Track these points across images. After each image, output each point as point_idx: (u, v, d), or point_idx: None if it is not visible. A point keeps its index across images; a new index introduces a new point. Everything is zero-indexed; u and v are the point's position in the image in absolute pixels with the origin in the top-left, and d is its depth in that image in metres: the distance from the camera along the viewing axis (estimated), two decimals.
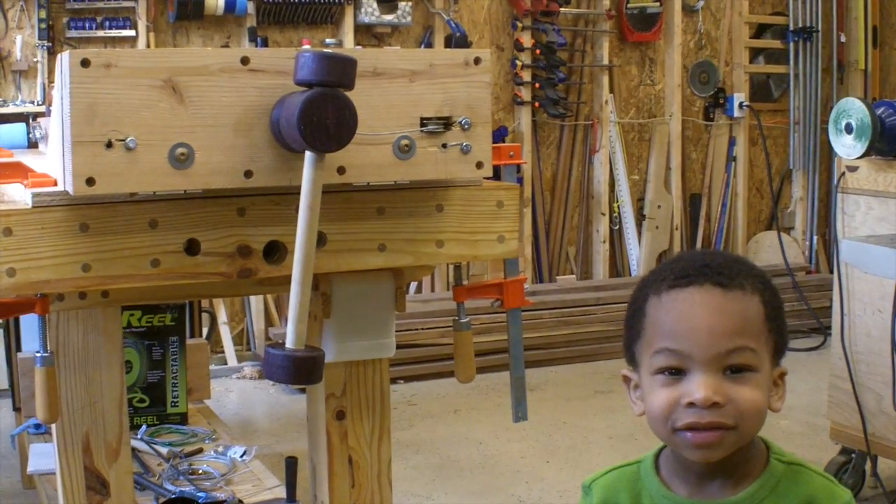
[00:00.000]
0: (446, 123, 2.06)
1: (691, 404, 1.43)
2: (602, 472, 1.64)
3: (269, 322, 6.60)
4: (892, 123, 4.20)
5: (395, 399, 5.57)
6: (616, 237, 7.51)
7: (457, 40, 6.66)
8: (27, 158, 2.45)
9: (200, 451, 3.71)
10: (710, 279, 1.46)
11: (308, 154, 1.85)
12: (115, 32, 6.15)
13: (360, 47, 6.45)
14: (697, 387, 1.42)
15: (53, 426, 2.20)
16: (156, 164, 1.84)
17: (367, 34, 6.66)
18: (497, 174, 2.44)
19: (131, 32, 6.17)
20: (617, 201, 7.45)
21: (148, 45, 6.15)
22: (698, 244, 7.68)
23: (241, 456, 3.63)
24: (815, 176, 7.92)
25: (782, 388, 1.53)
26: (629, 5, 7.30)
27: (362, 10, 6.49)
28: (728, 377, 1.44)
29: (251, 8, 6.30)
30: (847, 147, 4.24)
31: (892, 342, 3.82)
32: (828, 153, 7.62)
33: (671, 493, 1.54)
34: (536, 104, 7.08)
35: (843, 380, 4.04)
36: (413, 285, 6.66)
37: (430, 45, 6.74)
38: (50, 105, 3.44)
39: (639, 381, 1.54)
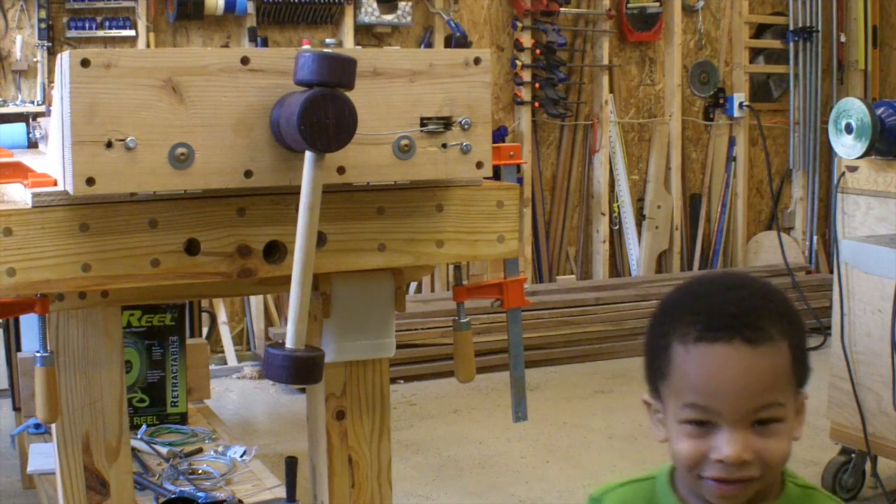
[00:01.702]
0: (446, 123, 2.06)
1: (720, 461, 1.42)
2: (613, 486, 1.63)
3: (268, 322, 6.60)
4: (892, 123, 4.20)
5: (394, 399, 5.58)
6: (616, 237, 7.51)
7: (457, 40, 6.66)
8: (27, 158, 2.45)
9: (200, 450, 3.71)
10: (739, 334, 1.43)
11: (308, 154, 1.85)
12: (115, 32, 6.15)
13: (359, 47, 6.45)
14: (726, 445, 1.42)
15: (53, 426, 2.20)
16: (156, 164, 1.84)
17: (367, 34, 6.66)
18: (497, 174, 2.44)
19: (131, 32, 6.17)
20: (617, 201, 7.45)
21: (148, 45, 6.16)
22: (698, 244, 7.68)
23: (241, 456, 3.63)
24: (815, 176, 7.92)
25: (802, 415, 1.51)
26: (629, 5, 7.30)
27: (362, 10, 6.49)
28: (755, 430, 1.43)
29: (251, 8, 6.30)
30: (847, 147, 4.24)
31: (892, 342, 3.82)
32: (828, 153, 7.62)
33: None
34: (536, 104, 7.08)
35: (843, 380, 4.04)
36: (413, 285, 6.66)
37: (430, 45, 6.74)
38: (50, 105, 3.44)
39: (661, 409, 1.53)
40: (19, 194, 2.04)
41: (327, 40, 6.53)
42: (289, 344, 1.87)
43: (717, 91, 7.70)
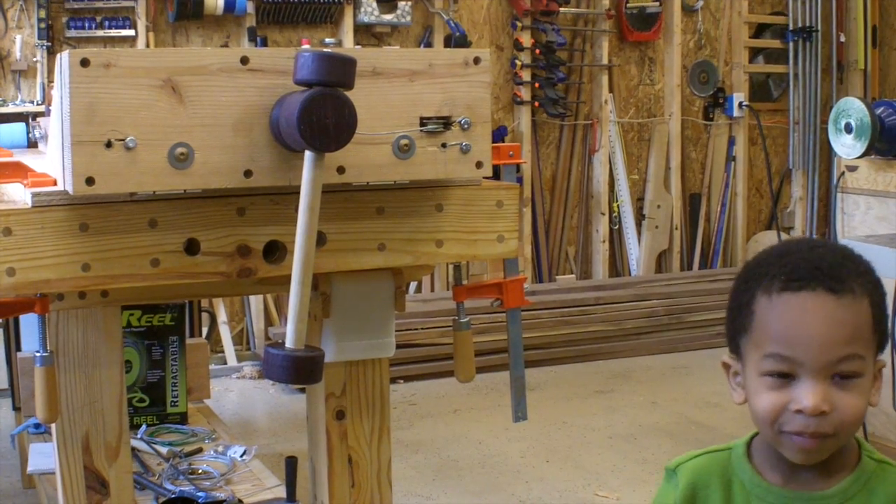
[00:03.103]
0: (446, 123, 2.06)
1: (799, 411, 1.44)
2: (690, 456, 1.64)
3: (268, 322, 6.60)
4: (892, 123, 4.21)
5: (394, 399, 5.58)
6: (616, 237, 7.51)
7: (456, 40, 6.66)
8: (27, 158, 2.45)
9: (200, 450, 3.71)
10: (822, 284, 1.45)
11: (308, 154, 1.85)
12: (114, 32, 6.15)
13: (359, 47, 6.45)
14: (807, 395, 1.43)
15: (53, 426, 2.20)
16: (155, 164, 1.84)
17: (367, 34, 6.66)
18: (497, 174, 2.44)
19: (131, 32, 6.17)
20: (616, 201, 7.45)
21: (147, 45, 6.16)
22: (698, 244, 7.69)
23: (241, 455, 3.63)
24: (815, 176, 7.92)
25: (880, 381, 1.52)
26: (629, 5, 7.30)
27: (362, 9, 6.49)
28: (836, 383, 1.44)
29: (250, 7, 6.30)
30: (847, 147, 4.24)
31: (892, 342, 3.82)
32: (827, 153, 7.62)
33: (764, 481, 1.55)
34: (536, 104, 7.08)
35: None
36: (413, 285, 6.66)
37: (429, 44, 6.74)
38: (50, 105, 3.44)
39: (740, 370, 1.54)
40: (19, 194, 2.04)
41: (327, 40, 6.53)
42: (289, 344, 1.87)
43: (716, 91, 7.70)
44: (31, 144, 4.46)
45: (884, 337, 1.50)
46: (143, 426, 3.90)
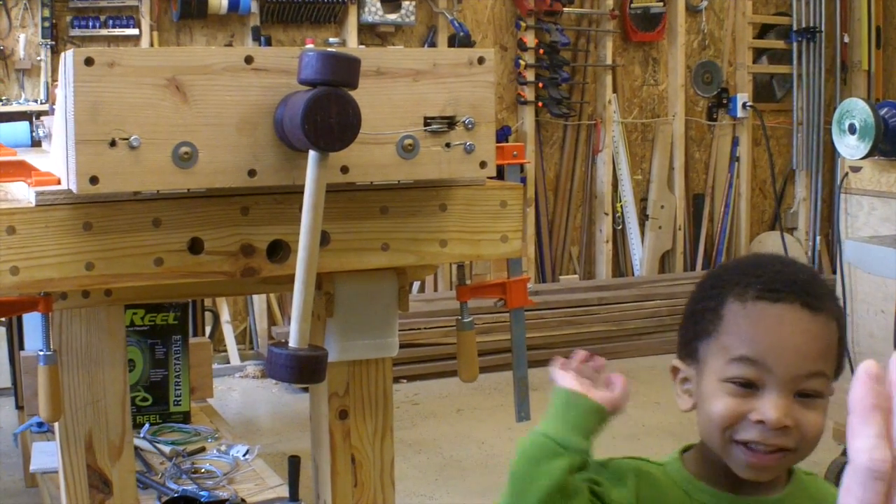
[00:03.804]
0: (450, 123, 2.06)
1: (760, 422, 1.40)
2: (626, 458, 1.61)
3: (271, 321, 6.61)
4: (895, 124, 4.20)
5: (397, 398, 5.58)
6: (619, 237, 7.51)
7: (460, 40, 6.66)
8: (30, 157, 2.45)
9: (203, 449, 3.71)
10: (799, 298, 1.43)
11: (312, 153, 1.84)
12: (118, 31, 6.15)
13: (363, 46, 6.45)
14: (771, 407, 1.40)
15: (56, 425, 2.20)
16: (159, 163, 1.84)
17: (371, 33, 6.67)
18: (500, 174, 2.44)
19: (135, 31, 6.17)
20: (620, 201, 7.45)
21: (151, 44, 6.16)
22: (701, 244, 7.68)
23: (244, 455, 3.63)
24: (819, 176, 7.92)
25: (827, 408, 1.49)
26: (633, 5, 7.30)
27: (366, 9, 6.49)
28: (798, 400, 1.42)
29: (255, 7, 6.30)
30: (850, 147, 4.24)
31: (894, 342, 3.81)
32: (831, 153, 7.61)
33: (711, 487, 1.51)
34: (540, 104, 7.08)
35: (846, 380, 4.03)
36: (416, 285, 6.66)
37: (433, 44, 6.74)
38: (54, 104, 3.44)
39: (693, 376, 1.51)
40: (23, 193, 2.04)
41: (331, 39, 6.53)
42: (292, 343, 1.87)
43: (720, 91, 7.70)
44: (35, 143, 4.46)
45: (840, 362, 1.48)
46: (147, 425, 3.90)
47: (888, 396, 0.81)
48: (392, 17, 6.57)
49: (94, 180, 1.80)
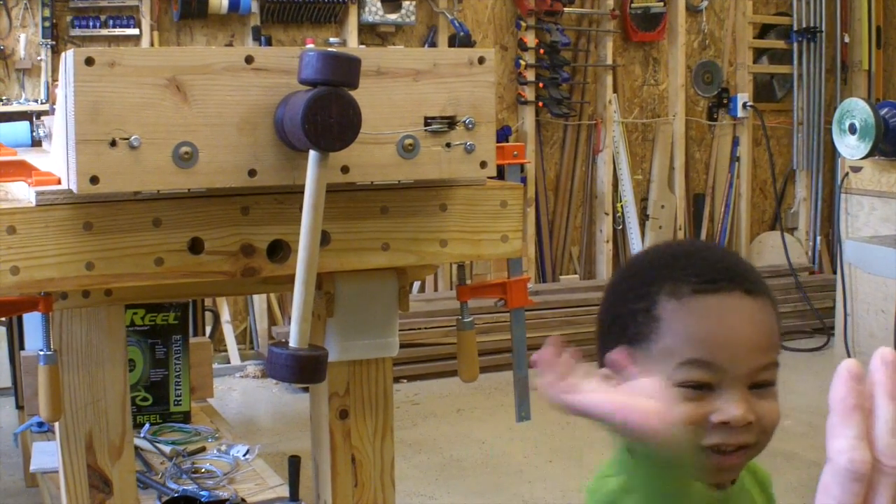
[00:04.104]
0: (450, 123, 2.06)
1: (723, 423, 1.31)
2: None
3: (272, 321, 6.61)
4: None
5: (398, 398, 5.58)
6: (619, 237, 7.50)
7: (461, 40, 6.66)
8: (31, 157, 2.45)
9: (203, 449, 3.71)
10: (738, 285, 1.34)
11: (312, 153, 1.84)
12: (118, 31, 6.15)
13: (363, 46, 6.45)
14: (733, 406, 1.31)
15: (56, 424, 2.20)
16: (160, 163, 1.84)
17: (371, 33, 6.67)
18: (501, 174, 2.44)
19: (135, 31, 6.17)
20: (620, 201, 7.45)
21: (152, 44, 6.16)
22: None
23: (244, 455, 3.63)
24: (819, 176, 7.92)
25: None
26: (633, 5, 7.30)
27: (366, 9, 6.49)
28: (753, 393, 1.33)
29: (255, 7, 6.30)
30: (851, 148, 4.24)
31: (895, 342, 3.81)
32: (831, 153, 7.61)
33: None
34: (540, 104, 7.08)
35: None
36: (416, 285, 6.66)
37: (433, 44, 6.74)
38: (54, 103, 3.44)
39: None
40: (23, 192, 2.04)
41: (331, 39, 6.53)
42: (292, 343, 1.87)
43: (720, 91, 7.70)
44: (35, 143, 4.46)
45: (780, 348, 1.40)
46: (147, 425, 3.90)
47: (869, 396, 0.80)
48: (392, 16, 6.57)
49: (94, 180, 1.80)
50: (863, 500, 0.78)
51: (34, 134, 4.54)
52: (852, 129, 4.18)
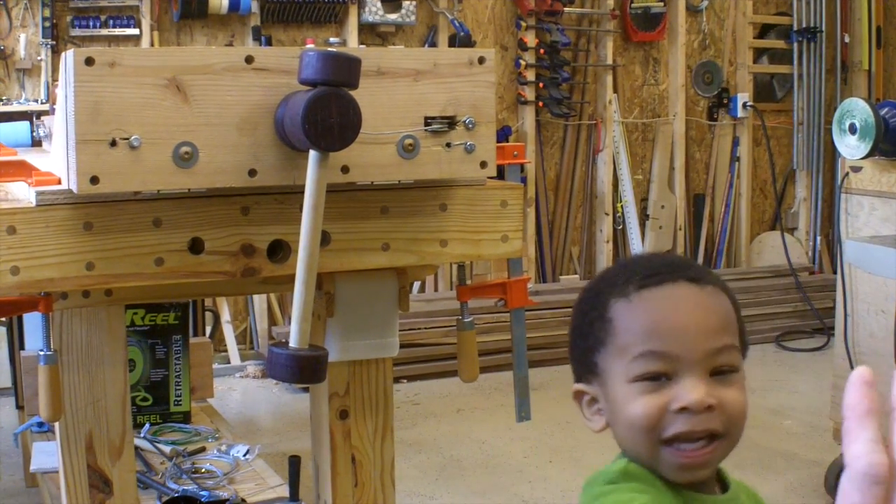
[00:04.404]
0: (450, 123, 2.06)
1: (683, 409, 1.30)
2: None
3: (272, 321, 6.60)
4: None
5: (398, 398, 5.58)
6: (619, 237, 7.50)
7: (461, 40, 6.66)
8: (31, 157, 2.45)
9: (203, 449, 3.71)
10: (682, 275, 1.36)
11: (312, 153, 1.84)
12: (118, 31, 6.15)
13: (363, 46, 6.45)
14: (690, 389, 1.30)
15: (56, 424, 2.20)
16: (160, 163, 1.84)
17: (371, 33, 6.66)
18: (501, 174, 2.43)
19: (135, 31, 6.17)
20: (620, 201, 7.45)
21: (152, 44, 6.16)
22: (701, 244, 7.68)
23: (244, 455, 3.63)
24: (819, 176, 7.92)
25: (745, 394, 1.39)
26: (633, 5, 7.30)
27: (366, 9, 6.49)
28: (714, 380, 1.32)
29: (255, 7, 6.30)
30: (851, 147, 4.23)
31: (895, 343, 3.81)
32: (831, 153, 7.62)
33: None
34: (540, 104, 7.08)
35: (847, 380, 4.03)
36: (416, 285, 6.66)
37: (433, 44, 6.74)
38: (54, 103, 3.44)
39: (599, 393, 1.41)
40: (23, 193, 2.04)
41: (331, 39, 6.53)
42: (292, 343, 1.87)
43: (720, 91, 7.70)
44: (35, 143, 4.46)
45: (745, 344, 1.40)
46: (147, 425, 3.90)
47: (883, 400, 0.80)
48: (392, 16, 6.57)
49: (94, 180, 1.80)
50: (883, 503, 0.78)
51: (34, 134, 4.54)
52: (852, 129, 4.18)
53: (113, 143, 1.80)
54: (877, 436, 0.78)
